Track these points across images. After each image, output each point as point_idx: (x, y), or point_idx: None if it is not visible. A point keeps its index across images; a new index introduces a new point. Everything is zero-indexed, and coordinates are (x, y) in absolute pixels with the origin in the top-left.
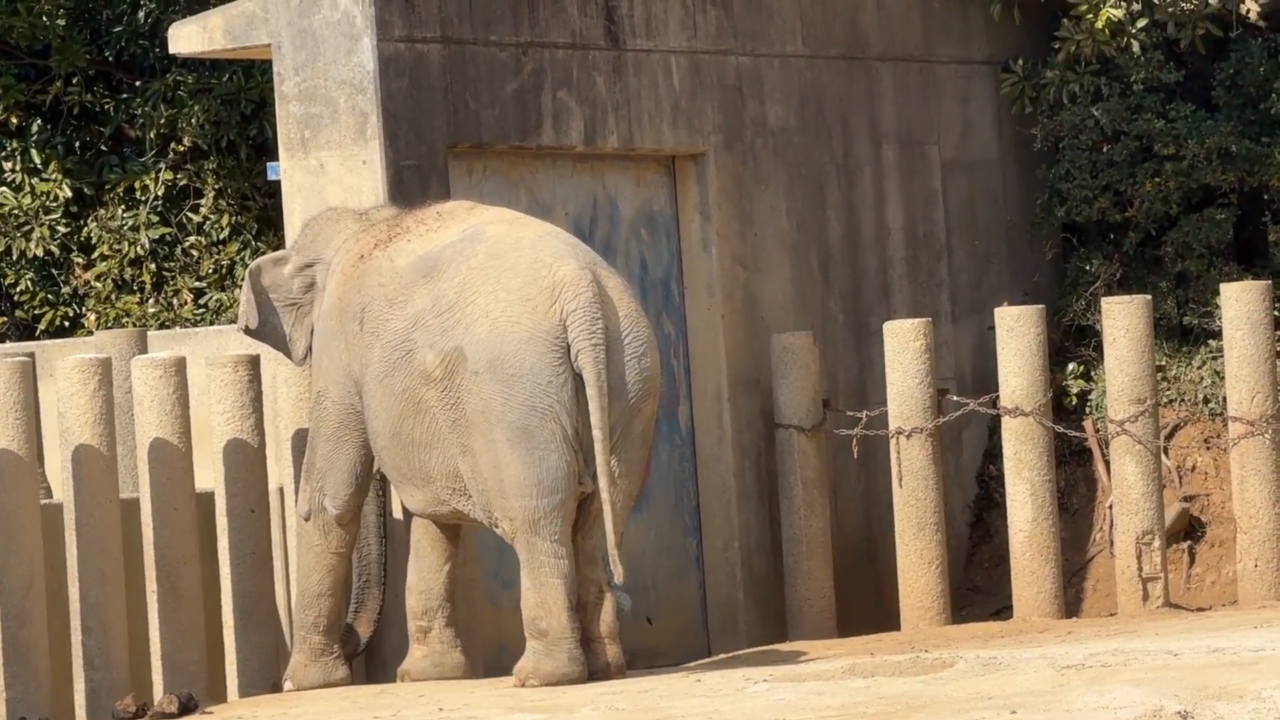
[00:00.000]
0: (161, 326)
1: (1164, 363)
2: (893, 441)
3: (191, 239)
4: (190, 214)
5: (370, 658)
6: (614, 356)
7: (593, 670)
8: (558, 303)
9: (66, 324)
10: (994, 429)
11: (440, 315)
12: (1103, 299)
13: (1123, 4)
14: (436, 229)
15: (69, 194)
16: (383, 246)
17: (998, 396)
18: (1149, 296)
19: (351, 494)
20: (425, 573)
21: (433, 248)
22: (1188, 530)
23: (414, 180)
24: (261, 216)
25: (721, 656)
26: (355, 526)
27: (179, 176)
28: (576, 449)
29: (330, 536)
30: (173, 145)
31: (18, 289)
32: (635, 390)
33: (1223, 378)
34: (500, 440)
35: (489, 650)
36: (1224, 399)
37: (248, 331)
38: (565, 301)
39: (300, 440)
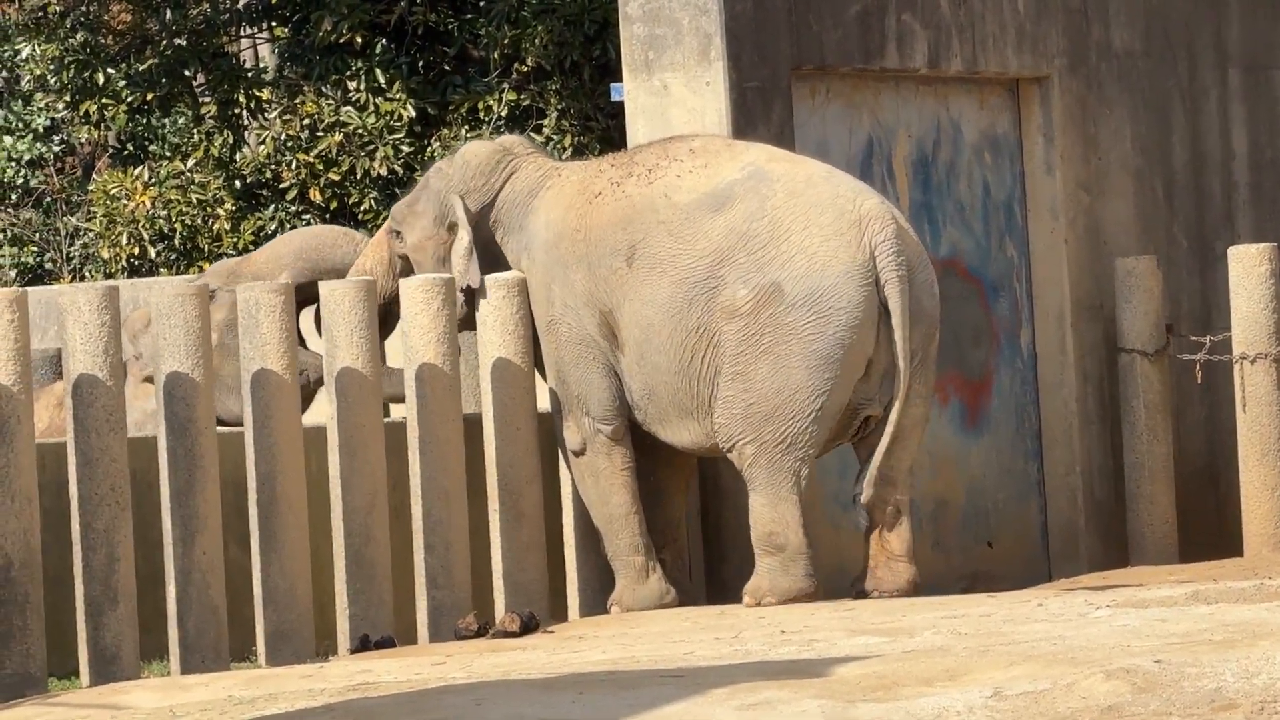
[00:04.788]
0: None
1: None
2: (1236, 367)
3: None
4: (533, 135)
5: (710, 580)
6: (912, 285)
7: (894, 589)
8: (865, 235)
9: None
10: None
11: (753, 253)
12: None
13: None
14: (706, 164)
15: (413, 114)
16: (640, 182)
17: None
18: None
19: (618, 408)
20: (665, 509)
21: (717, 184)
22: None
23: (757, 102)
24: (604, 137)
25: (1063, 581)
26: (630, 440)
27: (522, 97)
28: (867, 379)
29: (614, 456)
30: (516, 66)
31: (362, 208)
32: (929, 317)
33: None
34: (796, 365)
35: (828, 572)
36: None
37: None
38: (873, 234)
39: None
